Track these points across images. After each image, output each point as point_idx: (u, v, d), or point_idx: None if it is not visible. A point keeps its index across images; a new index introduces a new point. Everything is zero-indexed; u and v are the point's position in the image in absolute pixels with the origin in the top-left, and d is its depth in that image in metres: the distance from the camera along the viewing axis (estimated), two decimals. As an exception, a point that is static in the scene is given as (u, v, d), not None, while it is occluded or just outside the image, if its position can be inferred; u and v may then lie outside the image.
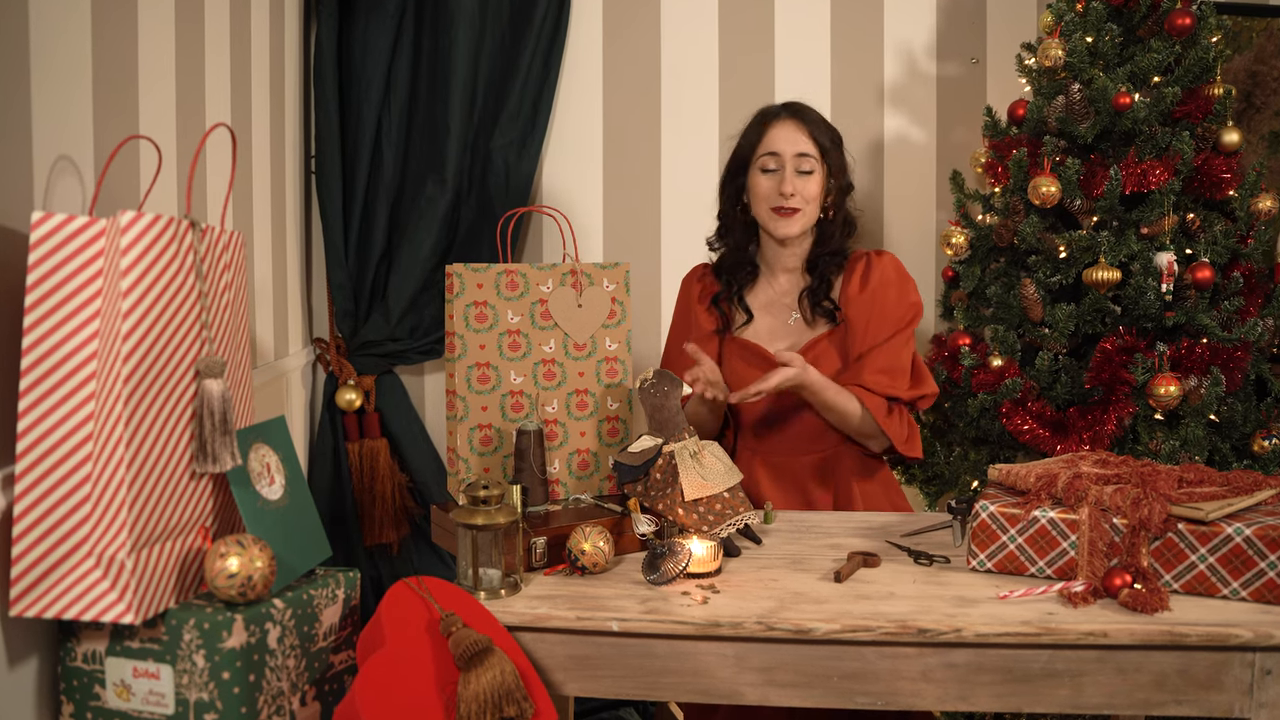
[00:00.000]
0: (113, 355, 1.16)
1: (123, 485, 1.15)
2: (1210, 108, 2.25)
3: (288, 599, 1.28)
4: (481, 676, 1.23)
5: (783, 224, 1.99)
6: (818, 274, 2.04)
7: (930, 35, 2.77)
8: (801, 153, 1.98)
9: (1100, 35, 2.28)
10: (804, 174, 1.98)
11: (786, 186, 1.96)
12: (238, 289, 1.40)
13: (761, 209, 2.01)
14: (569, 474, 1.80)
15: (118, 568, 1.16)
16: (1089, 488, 1.47)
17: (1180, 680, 1.32)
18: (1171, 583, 1.41)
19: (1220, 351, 2.17)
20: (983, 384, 2.29)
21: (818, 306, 2.02)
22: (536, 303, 1.76)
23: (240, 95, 2.11)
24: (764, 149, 2.00)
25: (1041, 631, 1.32)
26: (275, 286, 2.37)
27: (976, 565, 1.53)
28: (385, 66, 2.61)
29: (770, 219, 2.00)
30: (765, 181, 1.99)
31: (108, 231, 1.18)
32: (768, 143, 2.00)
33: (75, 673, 1.24)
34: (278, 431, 1.43)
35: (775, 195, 1.98)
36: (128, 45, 1.56)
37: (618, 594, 1.46)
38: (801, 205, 1.98)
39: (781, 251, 2.06)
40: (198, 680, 1.19)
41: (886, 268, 2.03)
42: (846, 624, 1.34)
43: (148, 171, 1.58)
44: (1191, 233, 2.27)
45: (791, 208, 1.97)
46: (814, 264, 2.05)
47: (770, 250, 2.08)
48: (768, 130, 2.01)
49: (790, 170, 1.98)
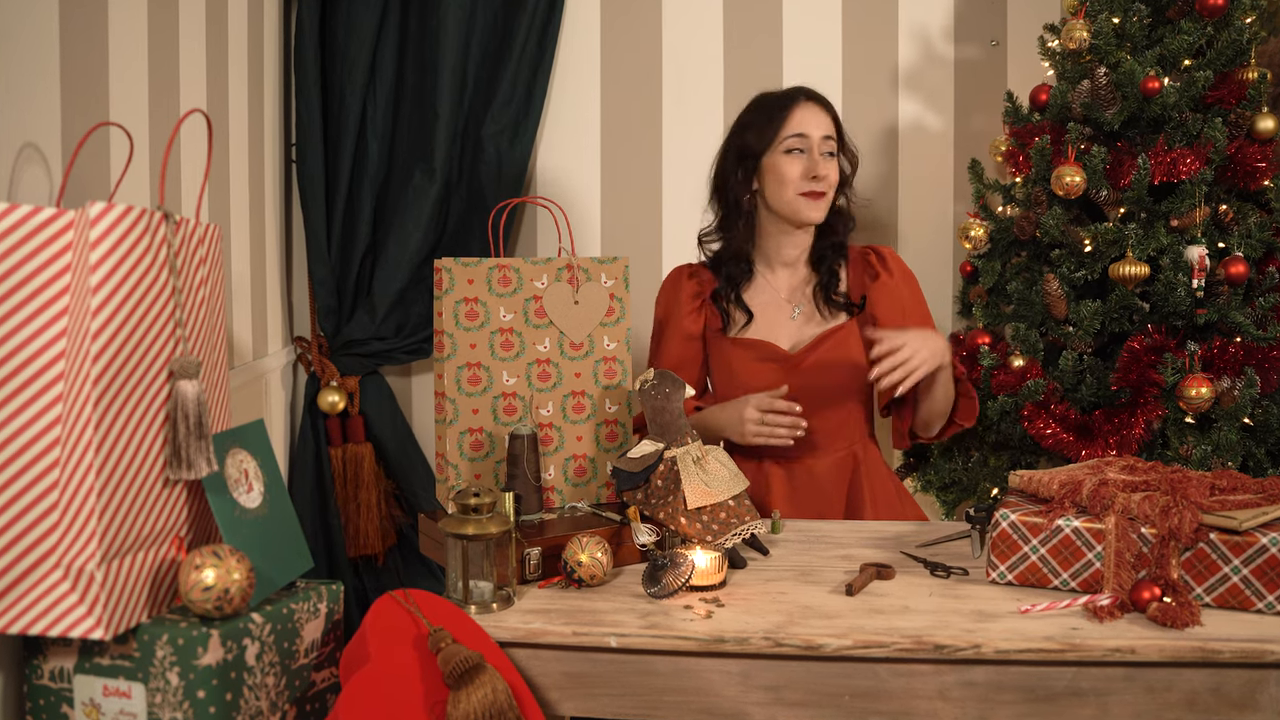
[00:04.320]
0: (81, 355, 1.16)
1: (92, 493, 1.15)
2: (1244, 92, 2.24)
3: (267, 613, 1.28)
4: (472, 695, 1.23)
5: (813, 207, 2.04)
6: (826, 267, 2.09)
7: (948, 16, 2.77)
8: (827, 135, 2.05)
9: (1127, 16, 2.28)
10: (830, 157, 2.05)
11: (820, 168, 2.01)
12: (214, 285, 1.40)
13: (786, 192, 2.03)
14: (565, 481, 1.80)
15: (86, 580, 1.16)
16: (1116, 495, 1.47)
17: (1212, 699, 1.32)
18: (1203, 596, 1.41)
19: (1255, 351, 2.17)
20: (1003, 385, 2.29)
21: (831, 300, 2.06)
22: (530, 299, 1.76)
23: (217, 79, 2.11)
24: (790, 130, 2.04)
25: (1065, 648, 1.32)
26: (254, 282, 2.38)
27: (996, 577, 1.53)
28: (370, 49, 2.61)
29: (796, 203, 2.03)
30: (792, 164, 2.03)
31: (76, 223, 1.18)
32: (795, 124, 2.04)
33: (42, 691, 1.24)
34: (256, 436, 1.43)
35: (805, 178, 2.02)
36: (97, 26, 1.56)
37: (616, 608, 1.46)
38: (828, 189, 2.04)
39: (785, 243, 2.09)
40: (171, 699, 1.19)
41: (900, 259, 2.14)
42: (859, 640, 1.34)
43: (118, 160, 1.58)
44: (1224, 225, 2.26)
45: (822, 190, 2.02)
46: (820, 257, 2.10)
47: (772, 243, 2.10)
48: (793, 112, 2.05)
49: (820, 152, 2.03)
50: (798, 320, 2.08)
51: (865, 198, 2.70)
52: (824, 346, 2.03)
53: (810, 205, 2.03)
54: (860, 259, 2.12)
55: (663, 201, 2.81)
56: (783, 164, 2.03)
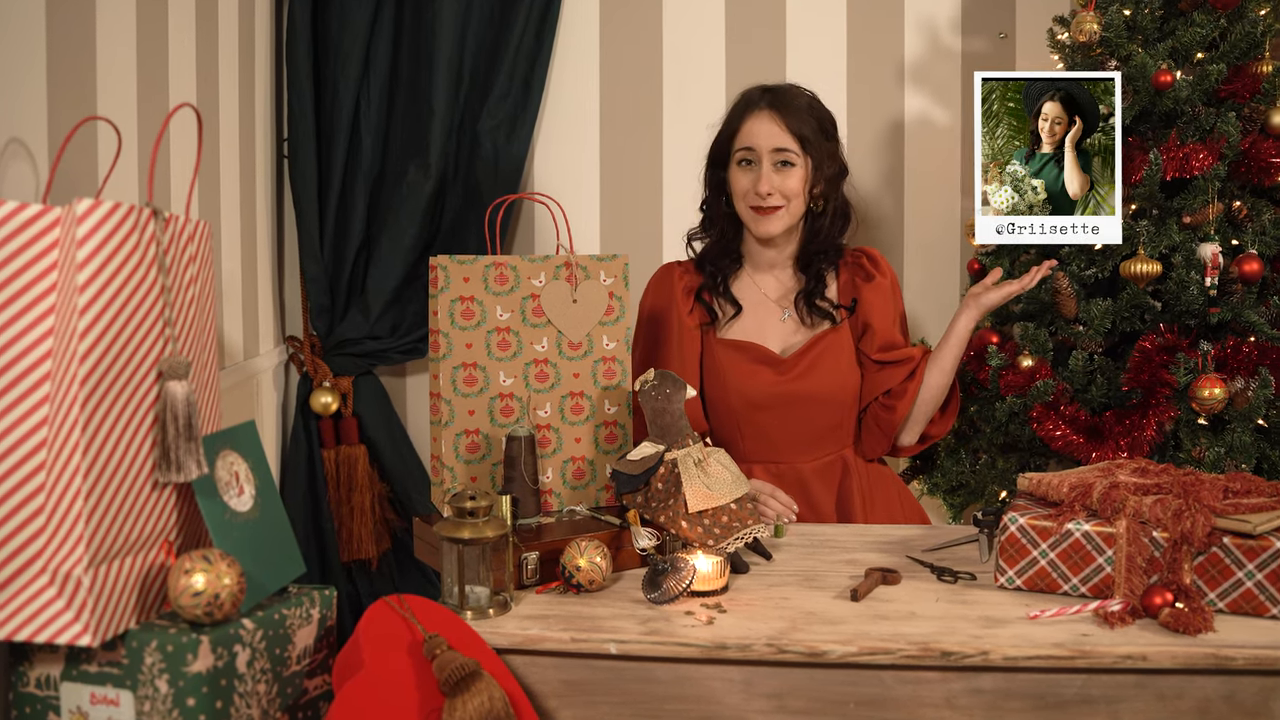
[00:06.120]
0: (68, 355, 1.16)
1: (79, 496, 1.15)
2: (1258, 86, 2.24)
3: (258, 619, 1.28)
4: (468, 703, 1.23)
5: (763, 223, 2.02)
6: (813, 272, 2.07)
7: (955, 8, 2.77)
8: (778, 147, 2.00)
9: (1139, 8, 2.28)
10: (783, 167, 2.01)
11: (763, 185, 1.99)
12: (204, 283, 1.40)
13: (741, 206, 2.05)
14: (563, 484, 1.80)
15: (74, 585, 1.16)
16: (1127, 498, 1.47)
17: (1226, 707, 1.32)
18: (1216, 601, 1.41)
19: (1269, 351, 2.17)
20: (1011, 386, 2.29)
21: (814, 307, 2.04)
22: (528, 298, 1.76)
23: (207, 73, 2.11)
24: (739, 143, 2.04)
25: (1075, 654, 1.32)
26: (244, 280, 2.38)
27: (1005, 582, 1.53)
28: (363, 42, 2.61)
29: (750, 217, 2.04)
30: (742, 178, 2.03)
31: (63, 220, 1.18)
32: (743, 136, 2.04)
33: (28, 699, 1.24)
34: (247, 437, 1.43)
35: (752, 192, 2.00)
36: (85, 18, 1.56)
37: (616, 614, 1.46)
38: (781, 202, 2.01)
39: (768, 250, 2.09)
40: (160, 707, 1.19)
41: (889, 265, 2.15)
42: (864, 646, 1.34)
43: (106, 156, 1.58)
44: (1238, 222, 2.27)
45: (770, 206, 2.00)
46: (807, 261, 2.08)
47: (755, 248, 2.10)
48: (744, 123, 2.04)
49: (767, 166, 2.00)
50: (788, 323, 2.08)
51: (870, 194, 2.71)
52: (815, 351, 2.03)
53: (758, 220, 2.02)
54: (852, 260, 2.12)
55: (663, 198, 2.81)
56: (735, 176, 2.05)
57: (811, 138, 2.01)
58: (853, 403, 2.08)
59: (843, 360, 2.04)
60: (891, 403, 2.06)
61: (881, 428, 2.08)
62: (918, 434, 2.13)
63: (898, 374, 2.05)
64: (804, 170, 2.01)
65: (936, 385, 2.08)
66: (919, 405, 2.08)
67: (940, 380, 2.08)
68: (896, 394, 2.05)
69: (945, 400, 2.12)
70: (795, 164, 2.00)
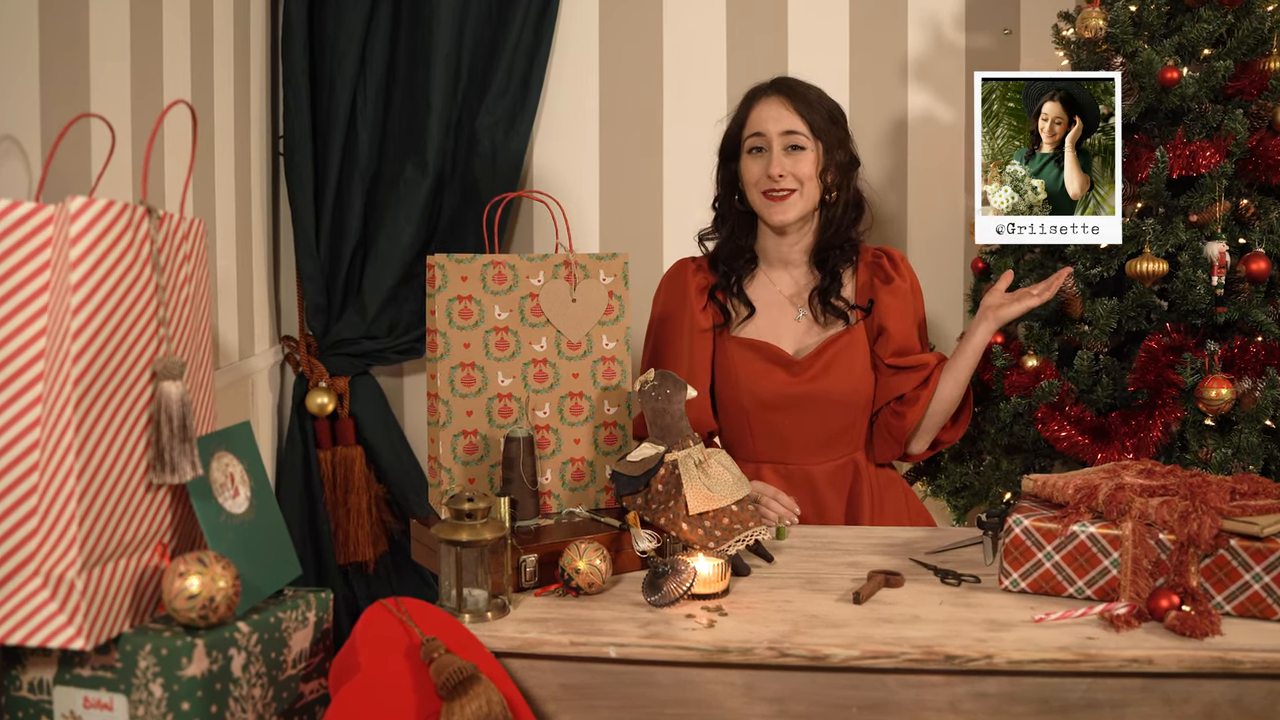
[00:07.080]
0: (61, 355, 1.16)
1: (72, 498, 1.15)
2: (1266, 83, 2.24)
3: (253, 622, 1.28)
4: (466, 707, 1.23)
5: (777, 209, 2.01)
6: (828, 269, 2.06)
7: (958, 4, 2.77)
8: (788, 130, 2.01)
9: (1145, 4, 2.28)
10: (794, 151, 2.01)
11: (774, 167, 1.99)
12: (199, 282, 1.40)
13: (754, 195, 2.05)
14: (562, 485, 1.80)
15: (67, 588, 1.16)
16: (1133, 500, 1.47)
17: (1233, 711, 1.32)
18: (1223, 604, 1.41)
19: (1277, 351, 2.17)
20: (1016, 386, 2.29)
21: (829, 305, 2.04)
22: (526, 297, 1.76)
23: (201, 70, 2.11)
24: (749, 130, 2.05)
25: (1081, 658, 1.32)
26: (240, 279, 2.38)
27: (1009, 585, 1.53)
28: (360, 38, 2.61)
29: (764, 205, 2.03)
30: (754, 165, 2.03)
31: (56, 219, 1.18)
32: (753, 123, 2.04)
33: (21, 703, 1.24)
34: (242, 438, 1.43)
35: (764, 178, 1.99)
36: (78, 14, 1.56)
37: (615, 617, 1.46)
38: (795, 186, 2.01)
39: (782, 243, 2.08)
40: (155, 711, 1.19)
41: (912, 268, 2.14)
42: (867, 650, 1.34)
43: (100, 153, 1.58)
44: (1245, 220, 2.26)
45: (784, 189, 2.00)
46: (822, 258, 2.07)
47: (770, 243, 2.10)
48: (752, 110, 2.05)
49: (778, 150, 2.00)
50: (802, 322, 2.07)
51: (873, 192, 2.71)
52: (829, 352, 2.03)
53: (772, 207, 2.02)
54: (872, 260, 2.11)
55: (663, 196, 2.81)
56: (746, 165, 2.05)
57: (821, 123, 2.03)
58: (866, 405, 2.07)
59: (857, 362, 2.04)
60: (902, 409, 2.06)
61: (892, 434, 2.08)
62: (928, 442, 2.13)
63: (911, 380, 2.05)
64: (815, 154, 2.02)
65: (949, 396, 2.08)
66: (931, 414, 2.08)
67: (954, 391, 2.08)
68: (908, 400, 2.05)
69: (958, 410, 2.12)
70: (806, 147, 2.01)
